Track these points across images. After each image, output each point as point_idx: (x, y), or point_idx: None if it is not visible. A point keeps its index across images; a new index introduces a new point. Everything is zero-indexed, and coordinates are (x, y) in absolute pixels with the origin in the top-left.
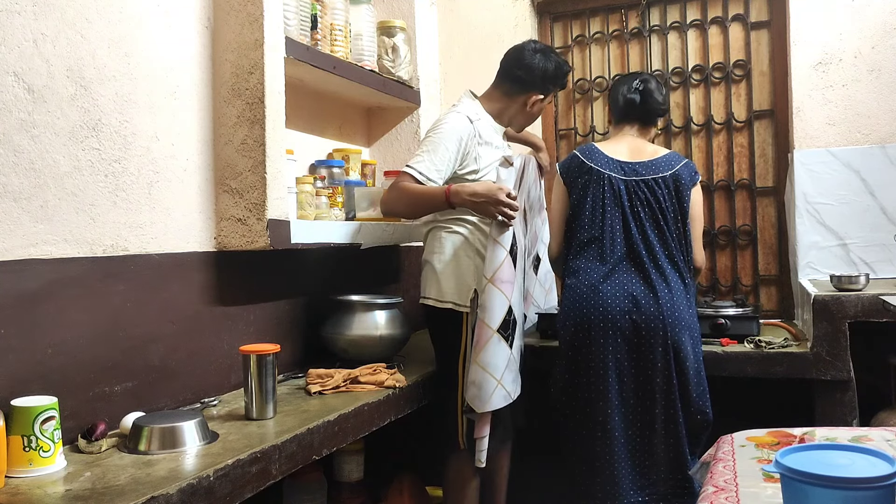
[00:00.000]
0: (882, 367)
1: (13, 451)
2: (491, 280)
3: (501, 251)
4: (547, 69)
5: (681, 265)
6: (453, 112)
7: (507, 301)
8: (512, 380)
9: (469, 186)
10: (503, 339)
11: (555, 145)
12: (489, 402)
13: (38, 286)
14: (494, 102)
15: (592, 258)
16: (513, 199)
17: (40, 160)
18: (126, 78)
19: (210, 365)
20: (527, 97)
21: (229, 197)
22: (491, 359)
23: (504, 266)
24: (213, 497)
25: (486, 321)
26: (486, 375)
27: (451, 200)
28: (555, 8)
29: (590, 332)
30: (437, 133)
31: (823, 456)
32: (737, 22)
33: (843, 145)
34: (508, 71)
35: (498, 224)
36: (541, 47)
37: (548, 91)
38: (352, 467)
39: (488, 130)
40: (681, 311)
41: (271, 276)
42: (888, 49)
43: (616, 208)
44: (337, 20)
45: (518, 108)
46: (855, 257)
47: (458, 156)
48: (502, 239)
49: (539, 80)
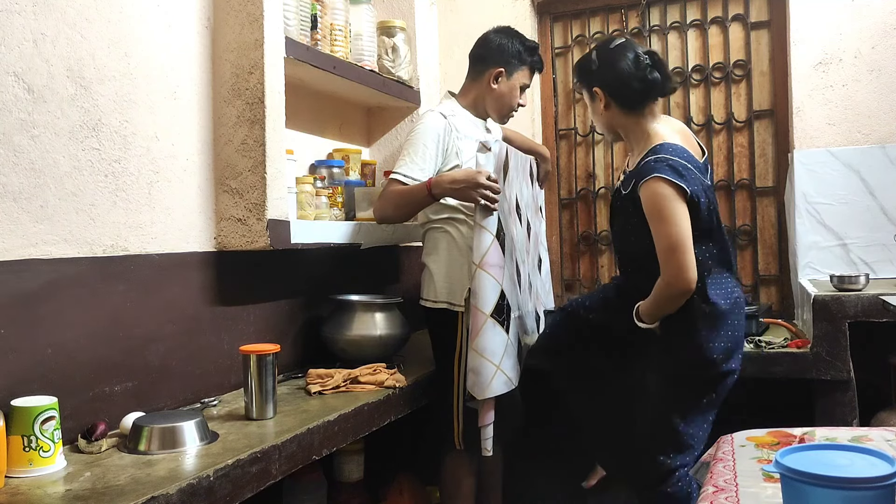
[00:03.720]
0: (882, 367)
1: (13, 451)
2: (480, 265)
3: (487, 236)
4: (503, 42)
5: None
6: (427, 111)
7: (499, 285)
8: (511, 365)
9: (448, 175)
10: (498, 324)
11: (555, 145)
12: (489, 388)
13: (38, 286)
14: (468, 93)
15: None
16: (493, 182)
17: (40, 160)
18: (126, 78)
19: (210, 365)
20: (489, 74)
21: (229, 197)
22: (487, 344)
23: (491, 250)
24: (213, 497)
25: (478, 306)
26: (483, 361)
27: (433, 192)
28: (555, 8)
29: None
30: (414, 135)
31: (823, 456)
32: (737, 22)
33: (843, 145)
34: (472, 54)
35: (481, 209)
36: (501, 28)
37: (509, 65)
38: (352, 467)
39: (466, 125)
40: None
41: (271, 276)
42: (888, 49)
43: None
44: (337, 20)
45: (485, 88)
46: (855, 257)
47: (437, 152)
48: (487, 223)
49: (496, 53)
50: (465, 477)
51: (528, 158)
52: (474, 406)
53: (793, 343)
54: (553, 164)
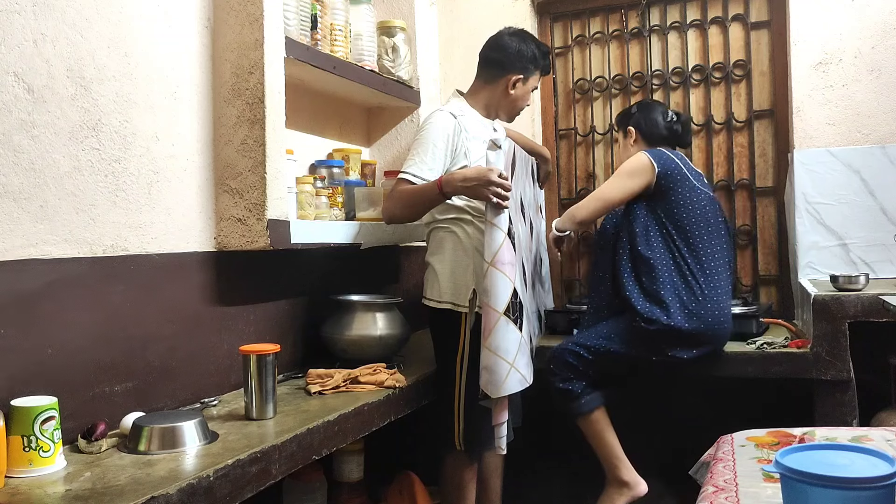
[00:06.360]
0: (882, 367)
1: (13, 451)
2: (492, 263)
3: (499, 233)
4: (522, 48)
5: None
6: (436, 111)
7: (511, 283)
8: (525, 363)
9: (459, 173)
10: (511, 322)
11: (555, 145)
12: (504, 387)
13: (38, 286)
14: (478, 94)
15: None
16: (504, 179)
17: (40, 160)
18: (126, 78)
19: (210, 365)
20: (507, 79)
21: (229, 197)
22: (501, 342)
23: (503, 248)
24: (213, 497)
25: (491, 305)
26: (497, 360)
27: (444, 190)
28: (555, 8)
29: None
30: (423, 133)
31: (823, 456)
32: (737, 22)
33: (843, 145)
34: (485, 57)
35: (492, 206)
36: (515, 30)
37: (527, 71)
38: (352, 467)
39: (475, 125)
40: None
41: (271, 276)
42: (888, 49)
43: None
44: (337, 20)
45: (501, 93)
46: (855, 257)
47: (447, 152)
48: (498, 221)
49: (515, 59)
50: (465, 477)
51: (529, 158)
52: (487, 405)
53: (793, 343)
54: (553, 164)
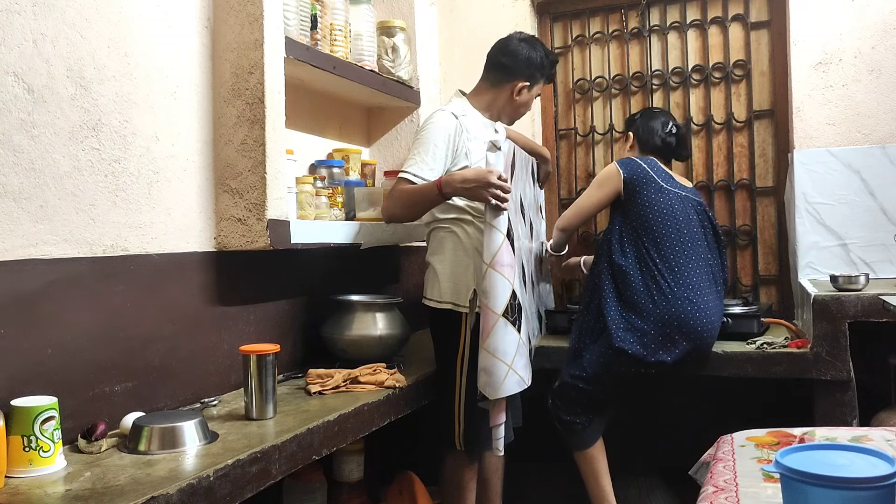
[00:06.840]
0: (882, 367)
1: (13, 451)
2: (491, 265)
3: (498, 235)
4: (532, 56)
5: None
6: (438, 111)
7: (510, 285)
8: (524, 365)
9: (459, 174)
10: (510, 324)
11: (555, 145)
12: (501, 388)
13: (38, 286)
14: (482, 96)
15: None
16: (504, 181)
17: (40, 160)
18: (126, 78)
19: (210, 365)
20: (513, 85)
21: (229, 197)
22: (499, 344)
23: (503, 250)
24: (213, 497)
25: (490, 306)
26: (495, 361)
27: (444, 191)
28: (555, 8)
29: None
30: (424, 133)
31: (823, 456)
32: (737, 22)
33: (843, 145)
34: (494, 60)
35: (492, 208)
36: (526, 37)
37: (534, 79)
38: (352, 467)
39: (477, 126)
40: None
41: (271, 276)
42: (888, 49)
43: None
44: (337, 20)
45: (506, 98)
46: (855, 257)
47: (448, 152)
48: (497, 222)
49: (524, 66)
50: (465, 477)
51: (529, 158)
52: (486, 406)
53: (793, 343)
54: (553, 165)
